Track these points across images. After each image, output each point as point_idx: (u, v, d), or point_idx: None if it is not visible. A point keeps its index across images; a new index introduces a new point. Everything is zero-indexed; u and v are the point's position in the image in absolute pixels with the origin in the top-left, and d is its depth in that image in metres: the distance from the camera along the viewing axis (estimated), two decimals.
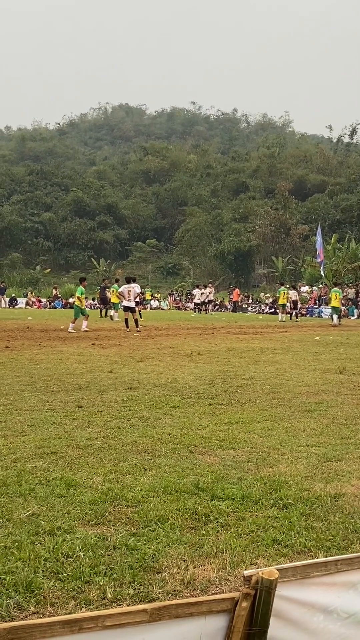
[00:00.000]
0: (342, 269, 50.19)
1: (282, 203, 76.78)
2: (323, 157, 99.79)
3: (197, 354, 13.89)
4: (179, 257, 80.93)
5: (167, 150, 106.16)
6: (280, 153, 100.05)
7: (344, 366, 11.85)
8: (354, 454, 5.72)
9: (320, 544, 3.69)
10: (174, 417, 7.22)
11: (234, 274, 72.16)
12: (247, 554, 3.54)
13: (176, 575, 3.26)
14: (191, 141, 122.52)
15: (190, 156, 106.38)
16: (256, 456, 5.58)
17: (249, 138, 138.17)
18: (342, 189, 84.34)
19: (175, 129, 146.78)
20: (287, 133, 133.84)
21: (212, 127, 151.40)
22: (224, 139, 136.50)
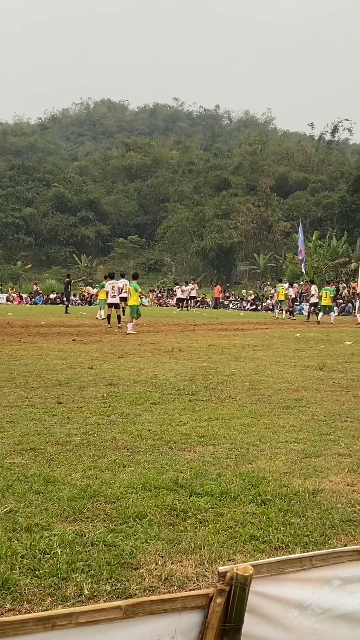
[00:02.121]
0: (323, 266, 50.41)
1: (264, 200, 76.85)
2: (305, 154, 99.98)
3: (178, 351, 13.89)
4: (160, 253, 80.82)
5: (150, 146, 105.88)
6: (262, 150, 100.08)
7: (324, 363, 11.92)
8: (332, 450, 5.75)
9: (297, 539, 3.71)
10: (154, 414, 7.22)
11: (216, 271, 72.20)
12: (225, 549, 3.55)
13: (154, 571, 3.26)
14: (173, 137, 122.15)
15: (173, 152, 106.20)
16: (235, 452, 5.59)
17: (231, 135, 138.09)
18: (323, 187, 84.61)
19: (158, 125, 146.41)
20: (269, 130, 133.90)
21: (194, 124, 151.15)
22: (206, 135, 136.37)
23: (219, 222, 76.79)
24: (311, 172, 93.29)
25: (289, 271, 55.76)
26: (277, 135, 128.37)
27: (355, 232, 60.44)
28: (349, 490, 4.63)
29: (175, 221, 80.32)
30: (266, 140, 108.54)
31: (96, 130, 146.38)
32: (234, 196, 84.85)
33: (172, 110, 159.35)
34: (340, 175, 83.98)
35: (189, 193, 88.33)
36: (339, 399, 8.42)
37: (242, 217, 75.23)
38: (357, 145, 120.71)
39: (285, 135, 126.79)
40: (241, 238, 73.18)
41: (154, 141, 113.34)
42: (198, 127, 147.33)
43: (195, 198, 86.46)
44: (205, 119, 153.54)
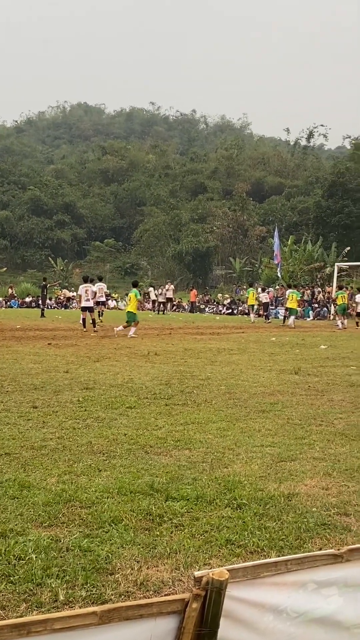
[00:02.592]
0: (298, 270, 50.69)
1: (240, 204, 77.15)
2: (280, 159, 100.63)
3: (154, 354, 13.89)
4: (137, 257, 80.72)
5: (126, 150, 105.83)
6: (239, 155, 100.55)
7: (299, 367, 11.98)
8: (307, 454, 5.78)
9: (273, 543, 3.72)
10: (129, 418, 7.21)
11: (192, 275, 72.29)
12: (201, 554, 3.55)
13: (129, 576, 3.26)
14: (150, 141, 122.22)
15: (149, 156, 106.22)
16: (211, 456, 5.60)
17: (208, 139, 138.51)
18: (299, 192, 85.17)
19: (134, 129, 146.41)
20: (245, 135, 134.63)
21: (171, 128, 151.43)
22: (183, 139, 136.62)
23: (195, 226, 76.93)
24: (287, 177, 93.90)
25: (265, 275, 56.01)
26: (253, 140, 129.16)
27: (330, 237, 60.90)
28: (324, 494, 4.66)
29: (151, 225, 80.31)
30: (242, 145, 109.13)
31: (72, 133, 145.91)
32: (210, 200, 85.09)
33: (149, 114, 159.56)
34: (315, 180, 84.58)
35: (165, 197, 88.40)
36: (314, 402, 8.48)
37: (218, 222, 75.45)
38: (332, 151, 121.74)
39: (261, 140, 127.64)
40: (217, 242, 73.38)
41: (131, 145, 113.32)
42: (174, 131, 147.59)
43: (172, 202, 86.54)
44: (182, 124, 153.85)
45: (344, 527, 4.01)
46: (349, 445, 6.15)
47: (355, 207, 64.66)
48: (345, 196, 65.55)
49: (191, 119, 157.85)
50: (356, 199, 65.27)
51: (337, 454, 5.78)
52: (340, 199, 65.71)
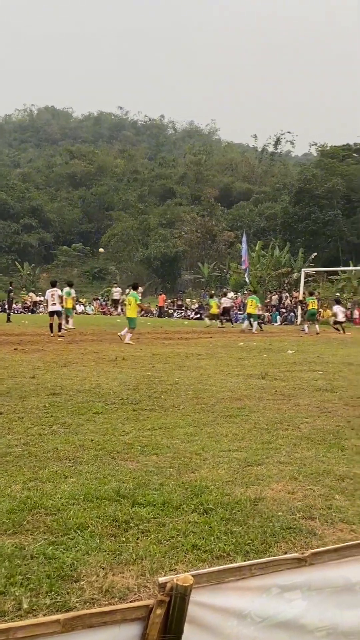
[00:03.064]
0: (266, 275, 51.04)
1: (208, 210, 77.54)
2: (248, 165, 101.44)
3: (122, 360, 13.85)
4: (105, 261, 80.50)
5: (94, 154, 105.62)
6: (207, 160, 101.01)
7: (266, 372, 12.05)
8: (274, 458, 5.81)
9: (239, 548, 3.73)
10: (96, 423, 7.17)
11: (161, 280, 72.39)
12: (167, 560, 3.54)
13: (94, 583, 3.23)
14: (118, 146, 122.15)
15: (117, 161, 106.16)
16: (178, 462, 5.59)
17: (176, 145, 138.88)
18: (266, 198, 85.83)
19: (102, 133, 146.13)
20: (213, 141, 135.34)
21: (139, 133, 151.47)
22: (151, 144, 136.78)
23: (164, 231, 77.08)
24: (254, 183, 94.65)
25: (233, 280, 56.30)
26: (221, 146, 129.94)
27: (297, 243, 61.49)
28: (290, 497, 4.68)
29: (119, 230, 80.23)
30: (210, 151, 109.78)
31: (39, 137, 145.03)
32: (178, 205, 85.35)
33: (117, 118, 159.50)
34: (282, 186, 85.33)
35: (133, 202, 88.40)
36: (281, 407, 8.53)
37: (187, 227, 75.68)
38: (299, 158, 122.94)
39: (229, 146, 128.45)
40: (186, 247, 73.61)
41: (99, 149, 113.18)
42: (143, 136, 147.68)
43: (140, 207, 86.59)
44: (150, 129, 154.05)
45: (309, 530, 4.04)
46: (315, 449, 6.20)
47: (321, 214, 65.38)
48: (312, 202, 66.24)
49: (159, 124, 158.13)
50: (323, 206, 66.00)
51: (303, 458, 5.82)
52: (307, 205, 66.40)
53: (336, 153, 78.11)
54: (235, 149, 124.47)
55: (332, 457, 5.90)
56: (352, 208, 67.89)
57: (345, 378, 11.65)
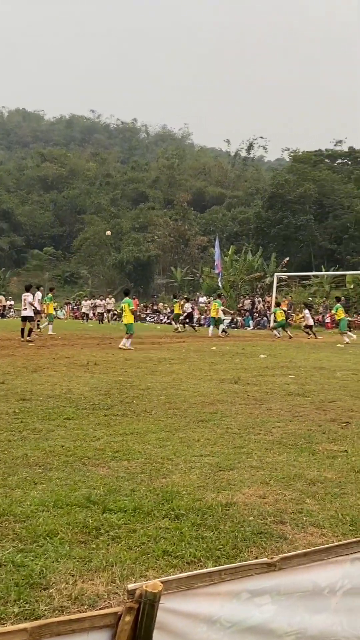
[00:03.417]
0: (239, 280, 51.24)
1: (181, 214, 77.62)
2: (221, 170, 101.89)
3: (94, 364, 13.79)
4: (77, 265, 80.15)
5: (66, 157, 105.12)
6: (180, 164, 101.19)
7: (239, 376, 12.08)
8: (245, 463, 5.83)
9: (210, 553, 3.73)
10: (67, 429, 7.13)
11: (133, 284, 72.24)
12: (137, 566, 3.53)
13: (64, 591, 3.21)
14: (90, 149, 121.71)
15: (90, 164, 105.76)
16: (150, 467, 5.58)
17: (149, 148, 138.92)
18: (239, 202, 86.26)
19: (74, 137, 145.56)
20: (186, 145, 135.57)
21: (111, 136, 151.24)
22: (124, 148, 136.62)
23: (137, 235, 76.99)
24: (227, 188, 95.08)
25: (206, 285, 56.40)
26: (194, 151, 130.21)
27: (270, 248, 61.83)
28: (261, 502, 4.69)
29: (92, 233, 79.92)
30: (183, 155, 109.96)
31: (10, 139, 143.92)
32: (151, 209, 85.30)
33: (89, 122, 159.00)
34: (255, 191, 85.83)
35: (106, 205, 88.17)
36: (253, 412, 8.55)
37: (160, 231, 75.69)
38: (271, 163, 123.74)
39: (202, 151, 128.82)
40: (158, 251, 73.61)
41: (71, 152, 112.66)
42: (115, 139, 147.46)
43: (113, 211, 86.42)
44: (123, 132, 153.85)
45: (280, 535, 4.05)
46: (286, 453, 6.23)
47: (294, 219, 65.83)
48: (284, 207, 66.68)
49: (132, 128, 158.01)
50: (295, 211, 66.47)
51: (275, 463, 5.84)
52: (280, 210, 66.84)
53: (308, 158, 78.78)
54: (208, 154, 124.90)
55: (304, 461, 5.93)
56: (324, 213, 68.47)
57: (317, 382, 11.73)
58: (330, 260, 61.95)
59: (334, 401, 9.53)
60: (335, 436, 7.09)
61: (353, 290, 46.01)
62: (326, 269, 52.73)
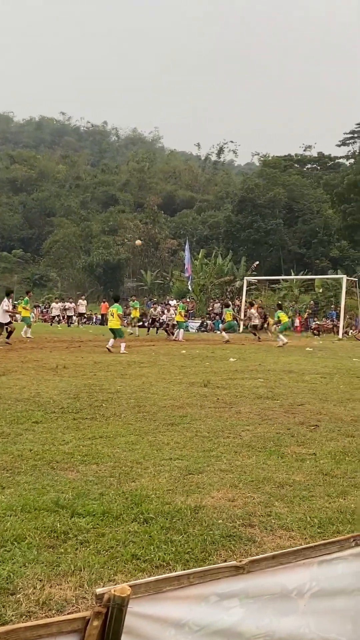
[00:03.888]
0: (209, 283, 51.42)
1: (151, 217, 77.73)
2: (192, 174, 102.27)
3: (63, 368, 13.71)
4: (46, 268, 79.70)
5: (35, 160, 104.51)
6: (150, 168, 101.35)
7: (208, 379, 12.10)
8: (215, 466, 5.84)
9: (179, 557, 3.73)
10: (36, 433, 7.08)
11: (103, 287, 72.09)
12: (106, 570, 3.51)
13: (31, 596, 3.18)
14: (60, 151, 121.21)
15: (59, 166, 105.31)
16: (119, 471, 5.56)
17: (119, 151, 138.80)
18: (209, 206, 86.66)
19: (44, 139, 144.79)
20: (156, 148, 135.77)
21: (81, 139, 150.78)
22: (94, 150, 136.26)
23: (107, 238, 76.86)
24: (198, 192, 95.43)
25: (176, 288, 56.51)
26: (165, 154, 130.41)
27: (240, 251, 62.25)
28: (230, 505, 4.71)
29: (61, 236, 79.59)
30: (154, 158, 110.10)
31: None
32: (121, 212, 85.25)
33: (59, 124, 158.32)
34: (225, 195, 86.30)
35: (75, 208, 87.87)
36: (222, 415, 8.58)
37: (130, 234, 75.65)
38: (241, 167, 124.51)
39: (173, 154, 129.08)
40: (128, 254, 73.59)
41: (40, 154, 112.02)
42: (85, 142, 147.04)
43: (82, 213, 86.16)
44: (93, 135, 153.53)
45: (249, 538, 4.07)
46: (255, 456, 6.26)
47: (263, 223, 66.32)
48: (254, 211, 67.15)
49: (102, 131, 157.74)
50: (265, 215, 66.97)
51: (244, 466, 5.86)
52: (250, 214, 67.28)
53: (278, 163, 79.51)
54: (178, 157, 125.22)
55: (273, 464, 5.97)
56: (293, 217, 69.10)
57: (286, 386, 11.80)
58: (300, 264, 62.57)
59: (303, 404, 9.59)
60: (304, 439, 7.14)
61: (322, 294, 46.49)
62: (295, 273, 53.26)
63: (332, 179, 63.89)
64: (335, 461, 6.12)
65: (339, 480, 5.48)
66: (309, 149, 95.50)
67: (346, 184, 53.84)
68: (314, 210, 68.10)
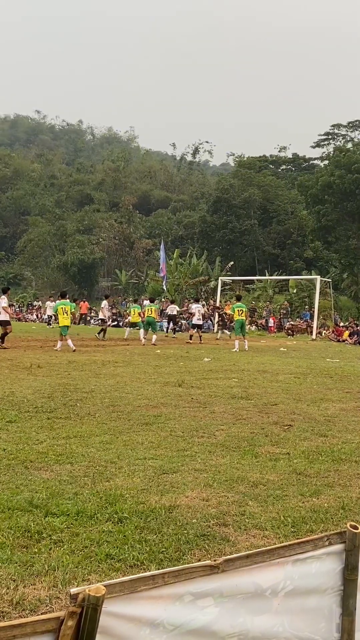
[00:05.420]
0: (183, 283, 51.43)
1: (126, 217, 77.49)
2: (167, 173, 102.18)
3: (37, 367, 13.63)
4: (20, 267, 79.07)
5: (10, 158, 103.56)
6: (125, 167, 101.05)
7: (183, 379, 12.11)
8: (189, 465, 5.85)
9: (153, 556, 3.73)
10: (9, 432, 7.03)
11: (78, 286, 71.70)
12: (80, 570, 3.51)
13: (5, 596, 3.17)
14: (35, 150, 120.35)
15: (34, 165, 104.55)
16: (93, 470, 5.55)
17: (94, 150, 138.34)
18: (184, 206, 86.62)
19: (19, 137, 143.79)
20: (132, 148, 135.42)
21: (57, 137, 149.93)
22: (69, 149, 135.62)
23: (81, 237, 76.44)
24: (173, 192, 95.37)
25: (151, 288, 56.42)
26: (140, 154, 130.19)
27: (215, 252, 62.32)
28: (204, 505, 4.72)
29: (36, 235, 79.00)
30: (129, 158, 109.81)
31: None
32: (96, 212, 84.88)
33: (34, 122, 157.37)
34: (200, 195, 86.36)
35: (50, 207, 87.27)
36: (197, 415, 8.59)
37: (105, 233, 75.39)
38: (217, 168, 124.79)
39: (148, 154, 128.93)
40: (103, 254, 73.31)
41: (15, 153, 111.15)
42: (61, 141, 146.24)
43: (57, 212, 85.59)
44: (68, 134, 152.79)
45: (223, 537, 4.08)
46: (229, 456, 6.28)
47: (238, 223, 66.43)
48: (229, 212, 67.22)
49: (78, 130, 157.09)
50: (239, 215, 67.09)
51: (218, 465, 5.88)
52: (225, 215, 67.33)
53: (253, 164, 79.76)
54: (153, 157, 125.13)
55: (246, 463, 5.99)
56: (268, 218, 69.32)
57: (260, 386, 11.86)
58: (274, 265, 62.81)
59: (277, 404, 9.65)
60: (278, 439, 7.18)
61: (296, 294, 46.75)
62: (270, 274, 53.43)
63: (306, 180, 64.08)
64: (309, 461, 6.17)
65: (313, 479, 5.52)
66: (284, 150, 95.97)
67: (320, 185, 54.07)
68: (288, 211, 68.38)
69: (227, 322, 30.25)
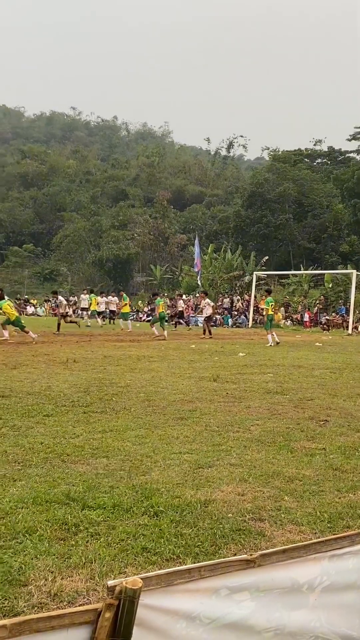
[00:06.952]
0: (218, 278, 51.33)
1: (161, 212, 77.65)
2: (201, 168, 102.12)
3: (73, 362, 13.74)
4: (56, 263, 79.83)
5: (46, 155, 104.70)
6: (160, 163, 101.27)
7: (218, 374, 12.10)
8: (224, 460, 5.84)
9: (188, 550, 3.74)
10: (46, 426, 7.11)
11: (113, 282, 72.12)
12: (116, 563, 3.53)
13: (43, 587, 3.20)
14: (70, 146, 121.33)
15: (70, 161, 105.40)
16: (129, 464, 5.58)
17: (129, 146, 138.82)
18: (219, 201, 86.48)
19: (55, 134, 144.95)
20: (166, 143, 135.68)
21: (92, 134, 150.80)
22: (104, 145, 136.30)
23: (116, 232, 76.85)
24: (207, 186, 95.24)
25: (185, 283, 56.46)
26: (174, 149, 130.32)
27: (249, 246, 62.06)
28: (240, 499, 4.71)
29: (71, 231, 79.68)
30: (163, 153, 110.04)
31: None
32: (131, 207, 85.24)
33: (70, 119, 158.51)
34: (235, 190, 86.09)
35: (86, 203, 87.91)
36: (232, 409, 8.58)
37: (139, 229, 75.69)
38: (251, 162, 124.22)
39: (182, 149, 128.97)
40: (138, 249, 73.61)
41: (51, 149, 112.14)
42: (96, 137, 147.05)
43: (92, 208, 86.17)
44: (103, 130, 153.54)
45: (258, 532, 4.07)
46: (265, 451, 6.26)
47: (273, 217, 66.09)
48: (263, 206, 66.92)
49: (112, 126, 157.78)
50: (274, 210, 66.74)
51: (253, 460, 5.86)
52: (259, 209, 67.06)
53: (288, 158, 79.17)
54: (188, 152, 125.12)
55: (282, 459, 5.96)
56: (303, 212, 68.83)
57: (295, 381, 11.79)
58: (309, 259, 62.38)
59: (312, 399, 9.58)
60: (314, 434, 7.13)
61: (331, 289, 46.32)
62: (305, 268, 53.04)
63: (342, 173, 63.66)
64: (345, 456, 6.12)
65: (349, 475, 5.48)
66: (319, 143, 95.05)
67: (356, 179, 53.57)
68: (323, 205, 67.79)
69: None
